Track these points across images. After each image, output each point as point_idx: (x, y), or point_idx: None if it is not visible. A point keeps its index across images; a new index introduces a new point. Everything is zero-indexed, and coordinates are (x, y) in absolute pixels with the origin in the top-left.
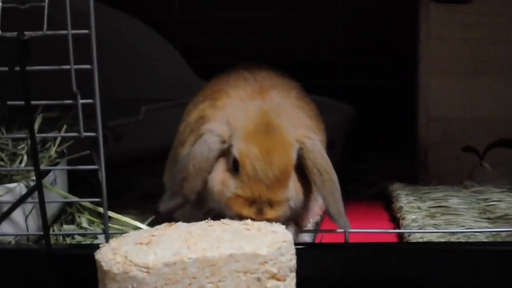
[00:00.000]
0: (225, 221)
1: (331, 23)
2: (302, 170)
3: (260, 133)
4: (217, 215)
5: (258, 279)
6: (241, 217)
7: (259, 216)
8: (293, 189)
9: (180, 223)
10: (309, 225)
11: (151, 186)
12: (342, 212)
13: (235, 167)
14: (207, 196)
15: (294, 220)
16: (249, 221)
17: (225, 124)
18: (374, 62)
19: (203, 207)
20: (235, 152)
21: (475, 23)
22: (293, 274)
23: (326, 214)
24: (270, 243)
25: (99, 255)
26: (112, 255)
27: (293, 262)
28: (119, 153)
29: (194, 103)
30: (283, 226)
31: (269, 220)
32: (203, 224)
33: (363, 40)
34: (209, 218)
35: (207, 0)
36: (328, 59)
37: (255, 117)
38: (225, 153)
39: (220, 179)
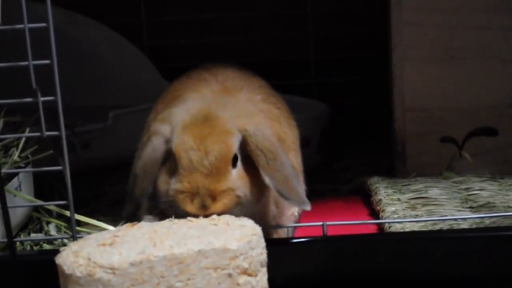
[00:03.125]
0: (191, 218)
1: (301, 21)
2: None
3: (197, 124)
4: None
5: (229, 275)
6: (188, 215)
7: (202, 210)
8: (238, 179)
9: (143, 223)
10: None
11: (121, 192)
12: (296, 189)
13: (175, 163)
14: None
15: (259, 216)
16: (214, 216)
17: (168, 122)
18: (346, 59)
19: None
20: (173, 146)
21: (449, 8)
22: (265, 269)
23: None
24: (239, 237)
25: (60, 259)
26: (74, 257)
27: (264, 257)
28: (87, 161)
29: (155, 110)
30: (251, 220)
31: (214, 214)
32: (167, 222)
33: (333, 36)
34: (173, 217)
35: (173, 2)
36: (299, 57)
37: (195, 110)
38: (169, 154)
39: (164, 179)
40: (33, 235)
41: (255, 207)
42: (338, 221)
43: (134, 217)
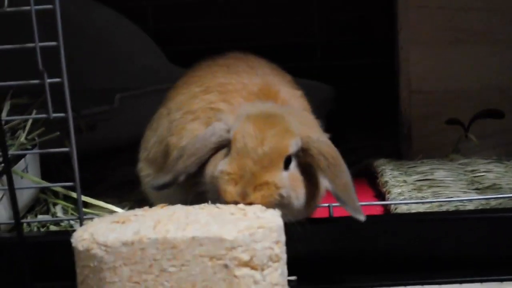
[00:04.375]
0: (219, 205)
1: (307, 4)
2: (310, 178)
3: (262, 118)
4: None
5: (226, 266)
6: (226, 198)
7: (241, 197)
8: (288, 179)
9: (176, 206)
10: None
11: (127, 174)
12: (354, 199)
13: (230, 149)
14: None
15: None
16: (242, 205)
17: (233, 116)
18: (352, 41)
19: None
20: (232, 132)
21: None
22: (277, 265)
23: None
24: (243, 228)
25: (75, 233)
26: (82, 232)
27: (276, 252)
28: (93, 143)
29: (190, 92)
30: (276, 212)
31: (252, 204)
32: (194, 207)
33: (339, 20)
34: (209, 202)
35: None
36: (305, 40)
37: (264, 109)
38: (227, 143)
39: (214, 163)
40: (40, 217)
41: (301, 214)
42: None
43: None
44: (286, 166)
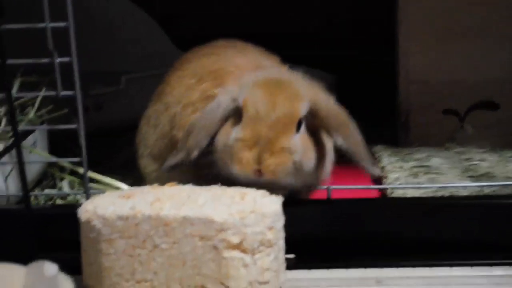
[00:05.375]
0: (225, 187)
1: None
2: (317, 141)
3: (270, 84)
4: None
5: (215, 247)
6: (242, 165)
7: (257, 163)
8: (300, 145)
9: (185, 186)
10: None
11: (133, 154)
12: (368, 154)
13: (240, 117)
14: (213, 157)
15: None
16: (245, 190)
17: (237, 85)
18: (354, 33)
19: (206, 173)
20: (240, 100)
21: None
22: (270, 250)
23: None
24: (235, 211)
25: (82, 205)
26: (87, 205)
27: (269, 237)
28: (100, 122)
29: (185, 85)
30: (277, 199)
31: (271, 172)
32: (201, 188)
33: (343, 11)
34: (219, 184)
35: None
36: (309, 30)
37: (268, 74)
38: (235, 112)
39: (225, 131)
40: (47, 191)
41: (311, 178)
42: (342, 186)
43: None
44: (298, 129)
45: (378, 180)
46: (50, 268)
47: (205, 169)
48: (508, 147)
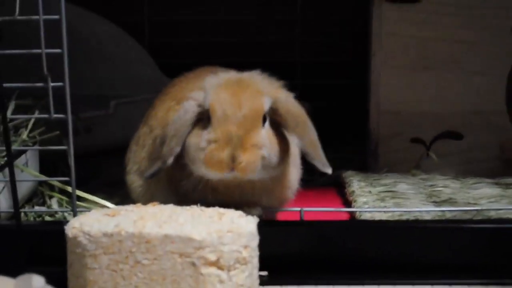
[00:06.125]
0: (204, 208)
1: (290, 27)
2: (280, 135)
3: (232, 84)
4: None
5: (193, 264)
6: (217, 165)
7: (231, 162)
8: (267, 138)
9: (167, 205)
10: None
11: (119, 174)
12: (320, 153)
13: (208, 120)
14: (186, 160)
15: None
16: (222, 210)
17: (201, 91)
18: (328, 63)
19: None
20: (207, 103)
21: (423, 22)
22: (245, 267)
23: (306, 157)
24: (213, 230)
25: (70, 221)
26: (74, 222)
27: (244, 255)
28: (89, 144)
29: (166, 107)
30: (252, 219)
31: (243, 169)
32: (182, 208)
33: (319, 43)
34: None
35: (174, 4)
36: (286, 60)
37: (229, 77)
38: (202, 116)
39: (195, 133)
40: (37, 208)
41: (274, 171)
42: (314, 208)
43: (155, 175)
44: (263, 124)
45: (348, 203)
46: (37, 280)
47: (177, 172)
48: (470, 174)
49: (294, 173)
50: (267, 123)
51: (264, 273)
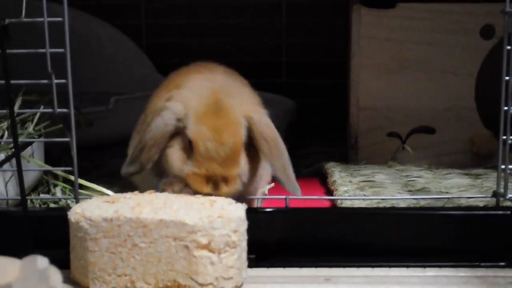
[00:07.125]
0: (198, 196)
1: (277, 30)
2: (251, 142)
3: (211, 114)
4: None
5: (186, 247)
6: (200, 191)
7: (215, 191)
8: (245, 165)
9: (162, 194)
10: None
11: (118, 166)
12: (291, 177)
13: (191, 147)
14: (165, 167)
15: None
16: (214, 198)
17: (181, 104)
18: (312, 63)
19: (161, 175)
20: (189, 133)
21: (399, 26)
22: (234, 250)
23: (276, 180)
24: (204, 216)
25: (72, 208)
26: (76, 208)
27: (233, 239)
28: (90, 137)
29: (158, 97)
30: (241, 206)
31: (224, 195)
32: (176, 196)
33: (304, 44)
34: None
35: (169, 9)
36: (273, 60)
37: (206, 98)
38: (180, 131)
39: (178, 156)
40: (42, 196)
41: (249, 182)
42: (299, 196)
43: (130, 176)
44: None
45: (330, 192)
46: (42, 261)
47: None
48: (442, 166)
49: (264, 173)
50: (242, 149)
51: (253, 256)
